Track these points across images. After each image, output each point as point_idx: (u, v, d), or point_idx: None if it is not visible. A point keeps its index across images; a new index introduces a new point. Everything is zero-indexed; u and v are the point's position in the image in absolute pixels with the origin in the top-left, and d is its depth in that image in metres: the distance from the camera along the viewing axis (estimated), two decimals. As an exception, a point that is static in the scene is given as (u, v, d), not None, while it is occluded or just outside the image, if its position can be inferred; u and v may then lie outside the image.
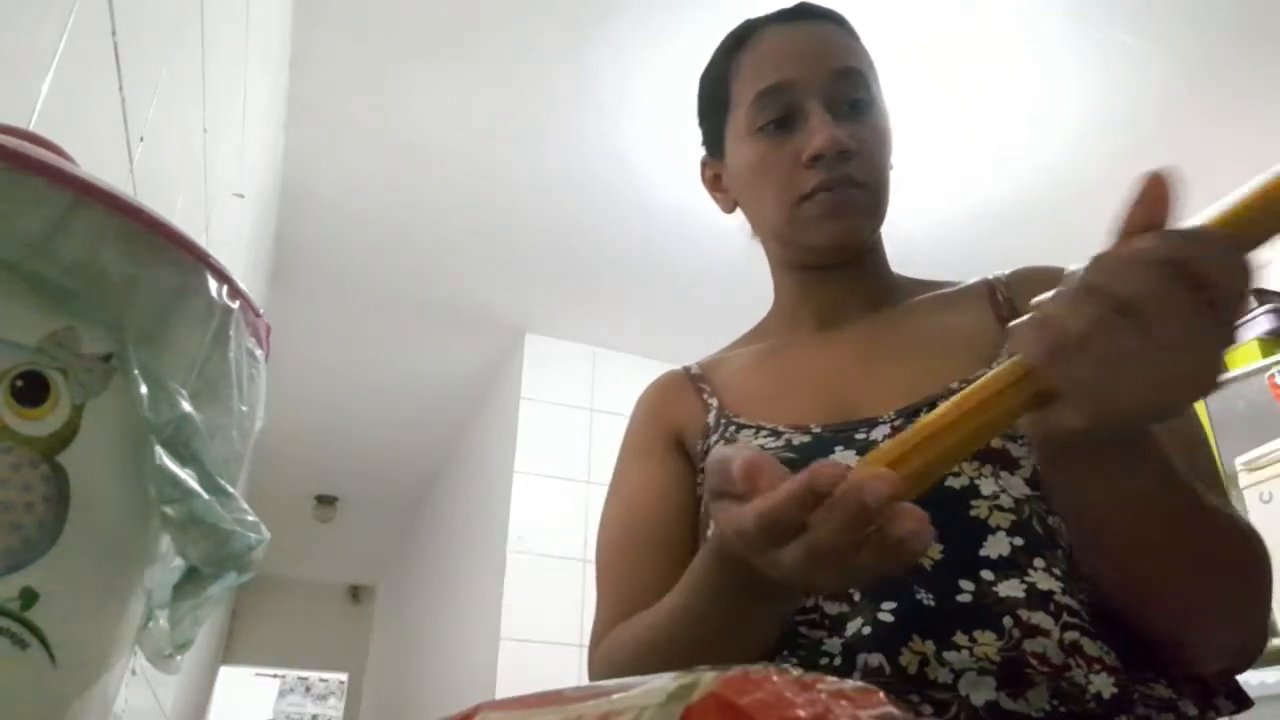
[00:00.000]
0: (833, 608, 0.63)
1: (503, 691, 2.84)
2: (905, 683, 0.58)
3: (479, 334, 3.46)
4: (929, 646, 0.58)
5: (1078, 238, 2.76)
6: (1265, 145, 2.46)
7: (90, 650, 0.41)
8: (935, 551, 0.61)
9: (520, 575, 3.03)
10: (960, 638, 0.58)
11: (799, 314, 0.87)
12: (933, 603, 0.60)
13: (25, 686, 0.38)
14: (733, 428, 0.77)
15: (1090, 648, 0.57)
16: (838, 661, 0.61)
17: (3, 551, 0.37)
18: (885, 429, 0.68)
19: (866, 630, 0.60)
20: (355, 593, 7.13)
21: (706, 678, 0.23)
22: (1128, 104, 2.32)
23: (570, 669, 2.92)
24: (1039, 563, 0.60)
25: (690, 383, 0.89)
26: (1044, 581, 0.60)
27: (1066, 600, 0.59)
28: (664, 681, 0.25)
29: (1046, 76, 2.24)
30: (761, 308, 0.94)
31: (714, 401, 0.83)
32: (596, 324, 3.37)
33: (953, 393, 0.58)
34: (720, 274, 3.02)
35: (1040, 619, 0.58)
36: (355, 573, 6.96)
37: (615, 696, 0.28)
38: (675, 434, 0.85)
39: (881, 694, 0.24)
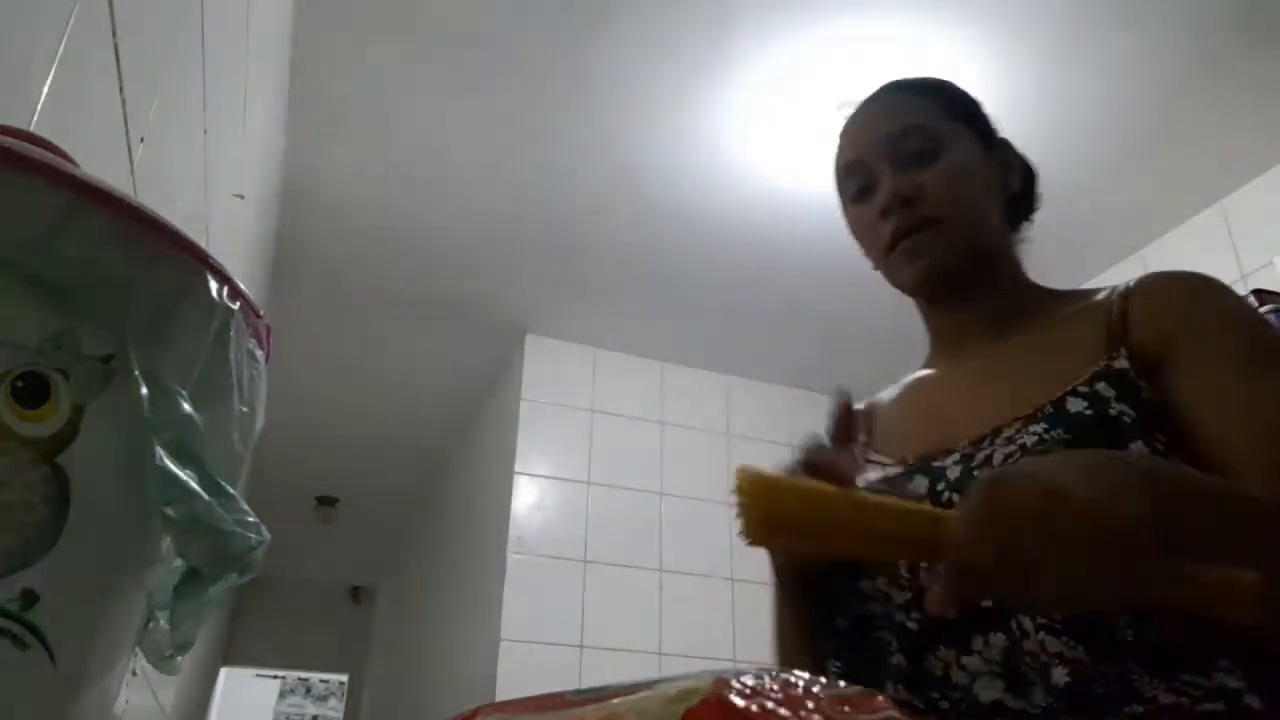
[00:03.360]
0: (899, 616, 0.73)
1: (503, 693, 2.84)
2: (929, 686, 0.69)
3: (479, 334, 3.46)
4: (951, 654, 0.68)
5: (1077, 238, 2.77)
6: (1265, 145, 2.46)
7: (91, 651, 0.41)
8: None
9: (520, 576, 3.03)
10: (977, 641, 0.67)
11: (934, 344, 0.94)
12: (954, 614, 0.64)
13: (25, 687, 0.38)
14: (866, 460, 0.87)
15: (1053, 644, 0.63)
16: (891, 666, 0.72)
17: (3, 552, 0.37)
18: (955, 458, 0.75)
19: (896, 639, 0.72)
20: (356, 593, 7.12)
21: (707, 682, 0.23)
22: (1127, 104, 2.32)
23: (570, 670, 2.92)
24: None
25: (859, 419, 0.94)
26: None
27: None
28: (665, 685, 0.25)
29: (1046, 77, 2.23)
30: (761, 308, 0.95)
31: (864, 438, 0.91)
32: (597, 324, 3.37)
33: (1020, 420, 0.71)
34: (721, 275, 3.02)
35: (1027, 622, 0.65)
36: (356, 574, 6.96)
37: (616, 701, 0.27)
38: (833, 454, 0.89)
39: (881, 698, 0.24)
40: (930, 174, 0.83)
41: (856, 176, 0.88)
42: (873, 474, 0.82)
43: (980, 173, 0.86)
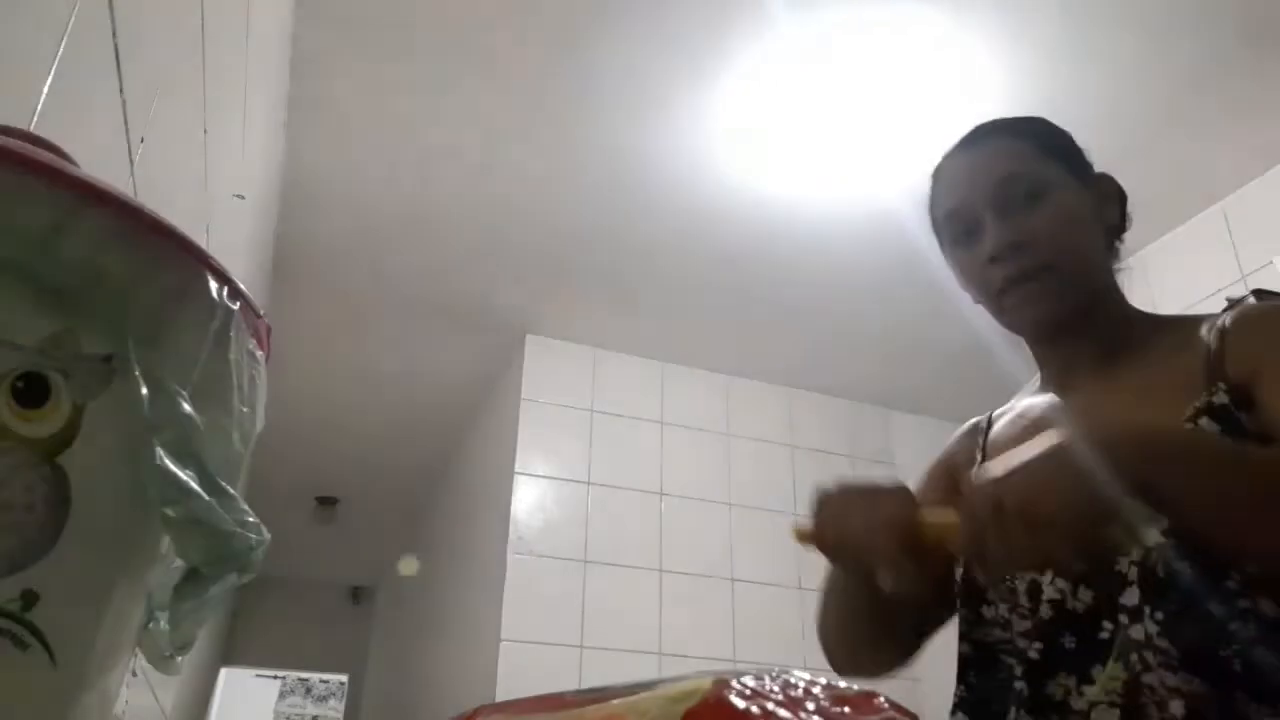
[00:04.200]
0: (1020, 642, 0.79)
1: (503, 693, 2.84)
2: (1049, 710, 0.73)
3: (480, 334, 3.46)
4: (1071, 681, 0.73)
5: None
6: (1265, 146, 2.46)
7: (91, 651, 0.41)
8: (1088, 597, 0.75)
9: (520, 576, 3.03)
10: (1097, 671, 0.72)
11: (1042, 376, 0.97)
12: (1073, 644, 0.74)
13: (26, 687, 0.38)
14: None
15: (1171, 680, 0.68)
16: (1014, 690, 0.77)
17: (3, 553, 0.37)
18: None
19: (1020, 665, 0.77)
20: (356, 594, 7.12)
21: (707, 683, 0.23)
22: (1127, 105, 2.32)
23: (571, 670, 2.92)
24: (1148, 609, 0.71)
25: (978, 430, 1.02)
26: (1150, 626, 0.71)
27: (1161, 642, 0.70)
28: (666, 686, 0.25)
29: (1046, 77, 2.23)
30: (761, 308, 0.96)
31: (979, 453, 0.98)
32: (597, 324, 3.37)
33: None
34: (721, 275, 3.02)
35: (1149, 656, 0.70)
36: (356, 574, 6.96)
37: (616, 701, 0.27)
38: (949, 471, 1.00)
39: (882, 698, 0.24)
40: (1038, 219, 0.85)
41: (959, 222, 0.91)
42: None
43: (1083, 211, 0.88)
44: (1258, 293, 0.84)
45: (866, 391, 3.72)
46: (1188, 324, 0.85)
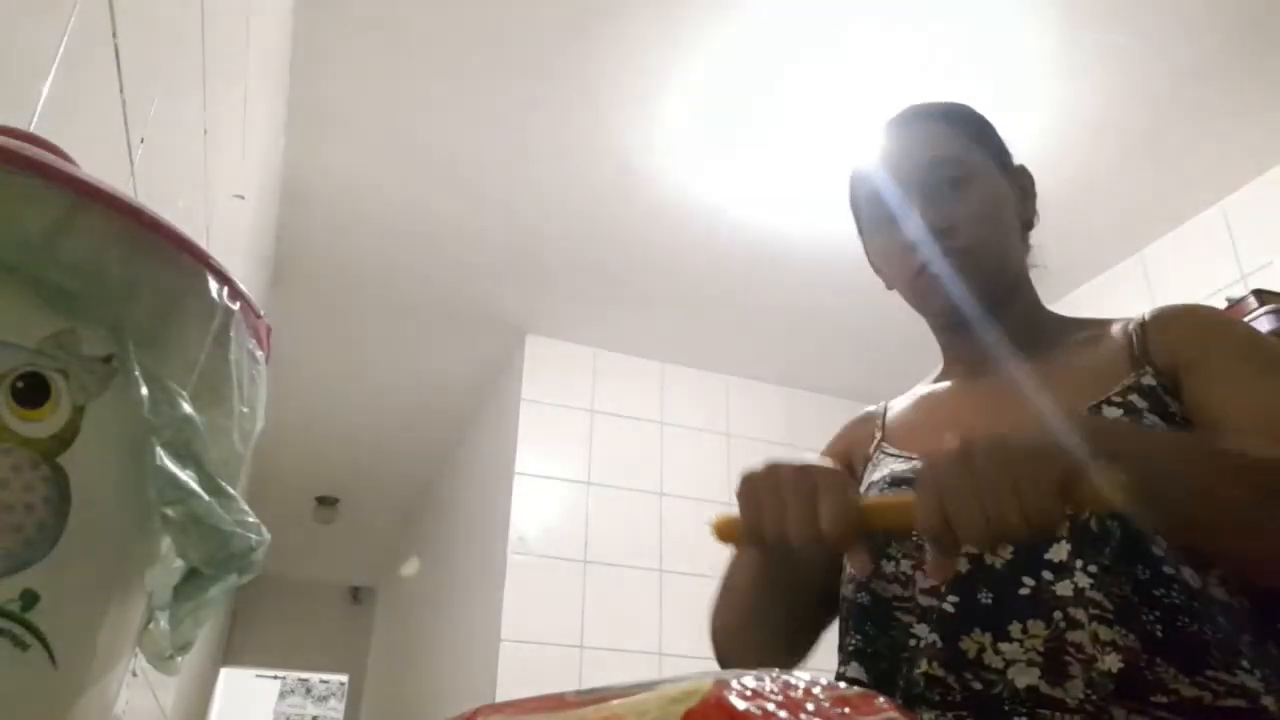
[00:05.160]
0: (924, 599, 0.76)
1: (503, 693, 2.84)
2: (963, 666, 0.70)
3: (479, 335, 3.46)
4: (986, 638, 0.70)
5: (1077, 238, 2.76)
6: (1265, 146, 2.46)
7: (91, 652, 0.41)
8: (1006, 552, 0.72)
9: (520, 576, 3.03)
10: (1015, 628, 0.69)
11: (951, 363, 0.96)
12: (990, 600, 0.71)
13: (26, 688, 0.38)
14: (880, 454, 0.92)
15: (1105, 633, 0.66)
16: (922, 644, 0.73)
17: (3, 553, 0.37)
18: None
19: (933, 618, 0.74)
20: (356, 594, 7.12)
21: (707, 683, 0.23)
22: (1125, 103, 2.32)
23: (571, 670, 2.92)
24: (1079, 562, 0.69)
25: (873, 417, 1.02)
26: (1082, 579, 0.68)
27: (1095, 595, 0.67)
28: (665, 686, 0.25)
29: (1046, 77, 2.24)
30: (759, 308, 0.97)
31: (878, 434, 0.96)
32: (597, 325, 3.37)
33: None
34: (720, 275, 3.02)
35: (1078, 613, 0.67)
36: (356, 574, 6.96)
37: (616, 702, 0.27)
38: (846, 456, 0.99)
39: (882, 699, 0.24)
40: (963, 205, 0.85)
41: (883, 205, 0.89)
42: (891, 466, 0.88)
43: (1004, 201, 0.88)
44: (1258, 293, 0.86)
45: (866, 391, 3.71)
46: (1098, 323, 0.87)
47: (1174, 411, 0.75)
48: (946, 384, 0.95)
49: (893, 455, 0.90)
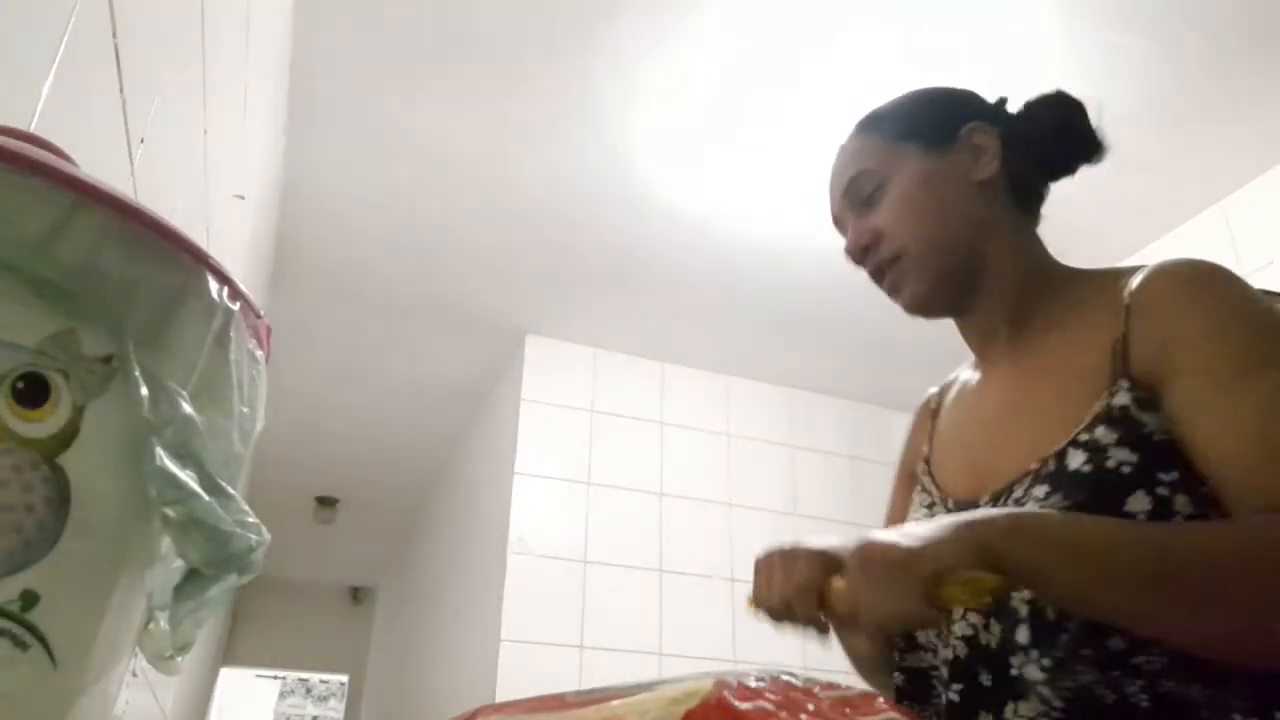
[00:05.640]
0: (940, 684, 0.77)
1: (503, 693, 2.84)
2: None
3: (479, 335, 3.46)
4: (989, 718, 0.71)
5: (1077, 238, 2.76)
6: (1265, 146, 2.46)
7: (91, 652, 0.41)
8: (997, 631, 0.72)
9: (520, 577, 3.03)
10: (1009, 709, 0.69)
11: (971, 350, 0.94)
12: (990, 682, 0.72)
13: (26, 688, 0.38)
14: (923, 475, 0.91)
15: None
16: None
17: (3, 553, 0.37)
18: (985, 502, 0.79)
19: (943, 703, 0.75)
20: (356, 594, 7.13)
21: (707, 684, 0.23)
22: (1125, 104, 2.32)
23: (570, 671, 2.92)
24: (1035, 652, 0.68)
25: (928, 413, 0.98)
26: (1037, 671, 0.68)
27: (1045, 690, 0.67)
28: (666, 687, 0.25)
29: (1045, 77, 2.23)
30: (759, 308, 0.97)
31: (927, 446, 0.93)
32: (597, 325, 3.37)
33: (1030, 475, 0.73)
34: (719, 275, 3.02)
35: (1048, 692, 0.67)
36: (356, 574, 6.96)
37: (616, 702, 0.27)
38: (910, 469, 0.96)
39: (882, 699, 0.24)
40: (877, 215, 0.85)
41: (839, 227, 0.93)
42: (921, 511, 0.87)
43: (934, 185, 0.84)
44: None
45: (866, 391, 3.72)
46: (1109, 278, 0.79)
47: (1150, 432, 0.68)
48: (975, 377, 0.92)
49: (925, 489, 0.89)
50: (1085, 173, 0.87)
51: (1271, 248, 2.47)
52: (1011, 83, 2.35)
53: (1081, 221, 2.69)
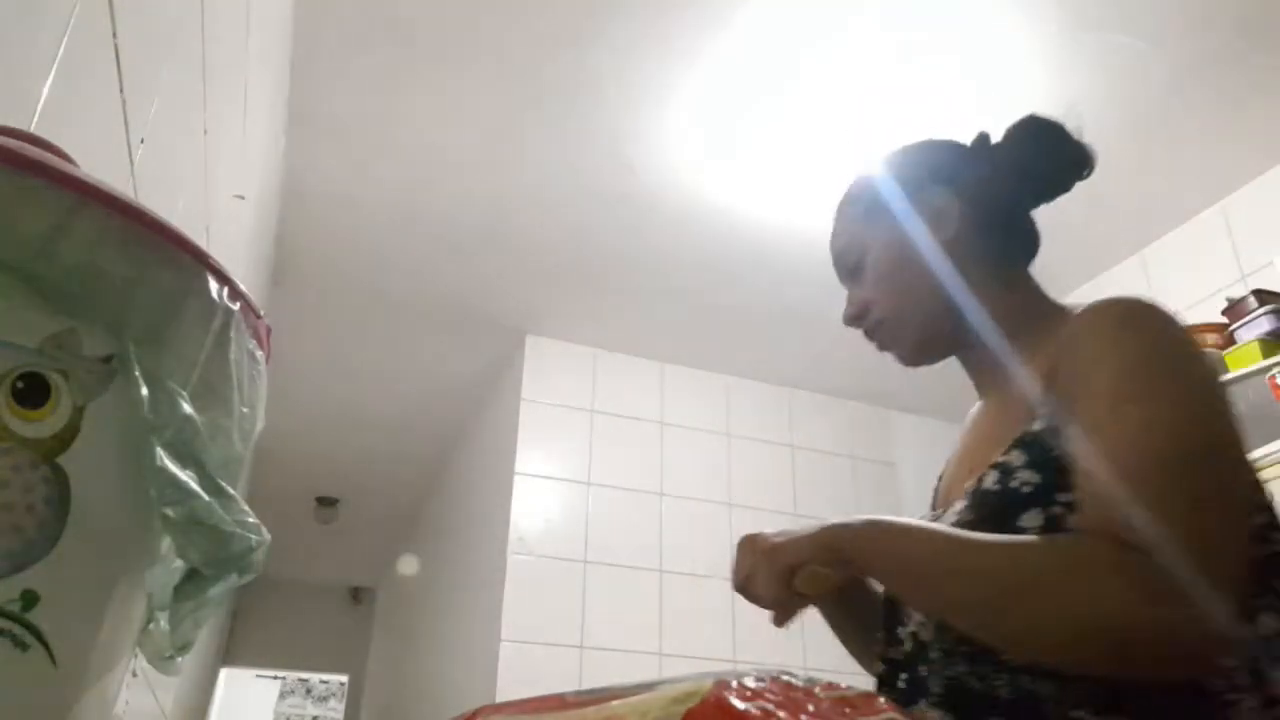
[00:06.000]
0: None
1: (503, 693, 2.84)
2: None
3: (479, 336, 3.46)
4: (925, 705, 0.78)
5: (1077, 238, 2.76)
6: (1265, 145, 2.46)
7: (91, 652, 0.41)
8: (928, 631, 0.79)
9: (521, 577, 3.03)
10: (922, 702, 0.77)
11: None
12: (925, 672, 0.78)
13: (26, 688, 0.38)
14: (933, 489, 1.01)
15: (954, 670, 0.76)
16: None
17: (4, 553, 0.37)
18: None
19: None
20: (356, 594, 7.13)
21: (707, 684, 0.23)
22: (1125, 104, 2.32)
23: (570, 670, 2.92)
24: (934, 645, 0.78)
25: (962, 427, 1.05)
26: (927, 670, 0.78)
27: (933, 685, 0.76)
28: (666, 687, 0.25)
29: (1045, 77, 2.24)
30: (759, 308, 0.98)
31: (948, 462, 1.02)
32: (597, 325, 3.37)
33: (963, 493, 0.80)
34: (720, 276, 3.02)
35: (935, 683, 0.77)
36: (356, 574, 6.96)
37: (616, 703, 0.27)
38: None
39: (883, 699, 0.24)
40: (862, 288, 0.96)
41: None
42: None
43: (903, 254, 0.91)
44: (1258, 293, 0.84)
45: (866, 391, 3.72)
46: (1070, 313, 0.82)
47: (1056, 455, 0.72)
48: (980, 403, 0.99)
49: (931, 501, 1.00)
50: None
51: (1271, 248, 2.47)
52: (1012, 83, 2.35)
53: (1082, 222, 2.69)
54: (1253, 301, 2.26)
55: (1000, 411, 0.87)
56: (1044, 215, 0.97)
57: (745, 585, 0.76)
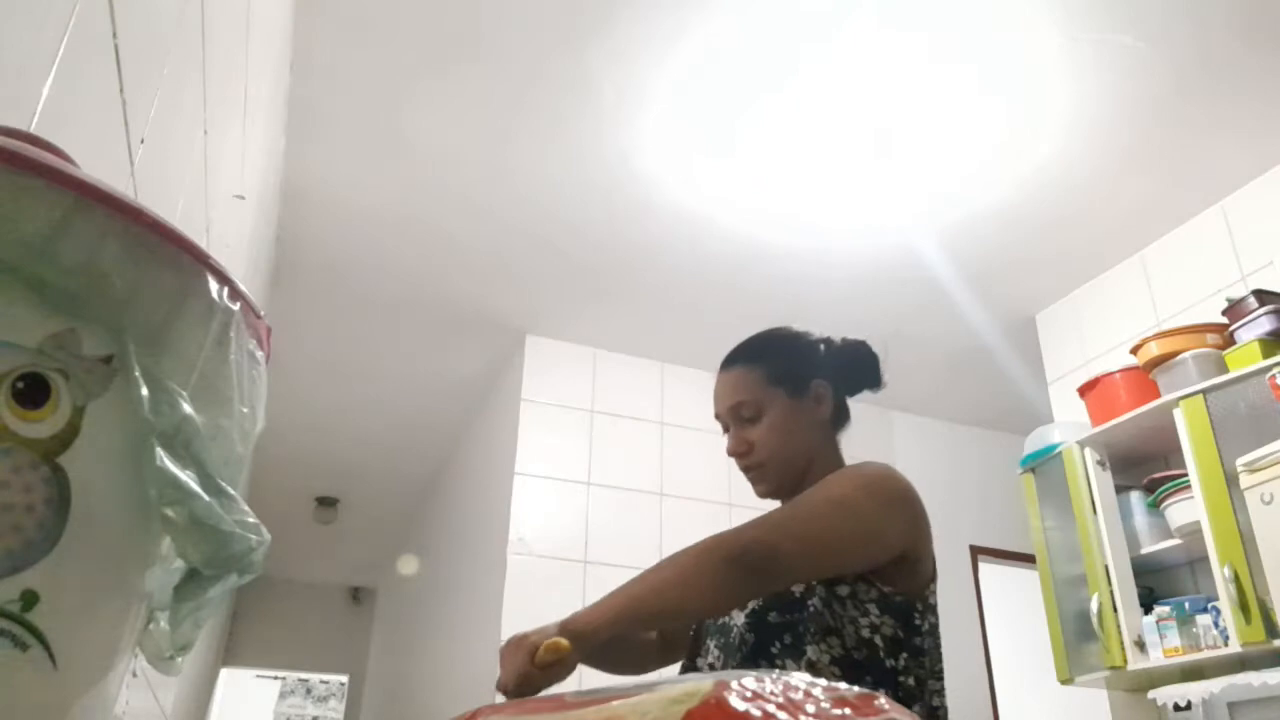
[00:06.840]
0: None
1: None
2: None
3: (480, 336, 3.46)
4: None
5: (1078, 238, 2.76)
6: (1265, 146, 2.46)
7: (91, 652, 0.41)
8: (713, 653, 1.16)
9: (520, 577, 3.03)
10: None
11: None
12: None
13: (26, 688, 0.38)
14: None
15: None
16: None
17: (4, 553, 0.37)
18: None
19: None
20: (356, 594, 7.13)
21: (707, 684, 0.23)
22: (1126, 104, 2.32)
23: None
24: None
25: None
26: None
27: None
28: (666, 687, 0.25)
29: (1045, 77, 2.24)
30: (758, 309, 0.98)
31: None
32: (597, 325, 3.37)
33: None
34: (719, 276, 3.02)
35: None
36: (356, 574, 6.96)
37: (616, 703, 0.27)
38: None
39: (881, 700, 0.24)
40: (756, 432, 1.22)
41: (720, 423, 1.28)
42: None
43: (793, 421, 1.22)
44: (1258, 293, 0.89)
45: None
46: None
47: None
48: None
49: None
50: (1085, 173, 0.88)
51: (1271, 248, 2.47)
52: (1013, 83, 2.35)
53: (1082, 222, 2.69)
54: (1253, 301, 2.26)
55: None
56: (1044, 215, 0.97)
57: (502, 681, 0.96)
